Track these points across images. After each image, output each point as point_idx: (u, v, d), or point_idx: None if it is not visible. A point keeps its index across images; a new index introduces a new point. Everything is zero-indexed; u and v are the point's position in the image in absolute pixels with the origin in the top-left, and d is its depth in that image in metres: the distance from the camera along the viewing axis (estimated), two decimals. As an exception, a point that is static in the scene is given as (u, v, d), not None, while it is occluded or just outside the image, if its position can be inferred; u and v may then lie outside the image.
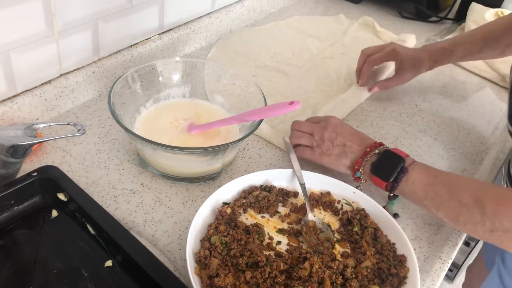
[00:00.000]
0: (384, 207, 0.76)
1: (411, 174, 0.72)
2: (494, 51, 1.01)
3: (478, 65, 1.24)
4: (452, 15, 1.47)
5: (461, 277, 1.47)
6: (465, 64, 1.25)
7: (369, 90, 1.06)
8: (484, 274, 1.12)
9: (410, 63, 1.02)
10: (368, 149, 0.77)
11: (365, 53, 1.05)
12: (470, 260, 1.37)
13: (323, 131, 0.81)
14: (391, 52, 1.02)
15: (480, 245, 1.29)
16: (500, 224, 0.63)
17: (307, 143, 0.83)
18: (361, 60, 1.05)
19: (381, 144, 0.78)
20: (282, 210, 0.77)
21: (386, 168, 0.74)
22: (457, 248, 0.77)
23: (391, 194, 0.76)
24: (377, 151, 0.77)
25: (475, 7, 1.39)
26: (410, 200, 0.75)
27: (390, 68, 1.12)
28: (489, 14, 1.35)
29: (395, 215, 0.80)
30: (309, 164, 0.88)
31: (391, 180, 0.74)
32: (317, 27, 1.32)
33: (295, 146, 0.85)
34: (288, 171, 0.80)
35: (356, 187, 0.79)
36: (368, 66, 1.04)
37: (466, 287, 1.41)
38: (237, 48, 1.17)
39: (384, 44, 1.05)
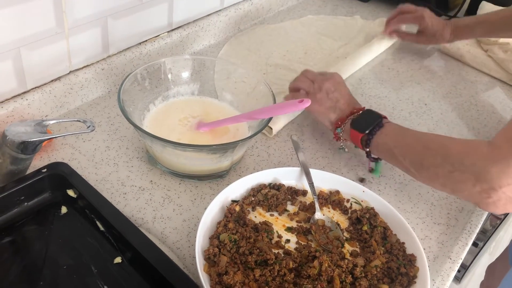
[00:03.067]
0: (370, 170, 0.83)
1: (385, 128, 0.78)
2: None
3: (488, 64, 1.23)
4: (461, 13, 1.46)
5: (468, 278, 1.46)
6: (474, 63, 1.24)
7: (388, 33, 1.19)
8: (506, 271, 1.12)
9: (431, 33, 1.13)
10: (355, 110, 0.82)
11: (399, 9, 1.17)
12: (478, 261, 1.36)
13: (324, 82, 0.86)
14: (419, 17, 1.13)
15: (494, 245, 1.28)
16: (460, 164, 0.66)
17: (305, 88, 0.87)
18: (394, 13, 1.18)
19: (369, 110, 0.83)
20: (291, 208, 0.77)
21: (364, 122, 0.79)
22: (467, 248, 0.77)
23: (367, 149, 0.79)
24: (361, 112, 0.82)
25: (485, 6, 1.38)
26: (382, 154, 0.79)
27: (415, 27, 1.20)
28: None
29: (362, 180, 0.85)
30: (317, 163, 0.88)
31: (367, 132, 0.78)
32: (331, 27, 1.31)
33: (296, 90, 0.89)
34: (297, 170, 0.79)
35: (339, 148, 0.84)
36: (397, 21, 1.17)
37: (485, 286, 1.40)
38: (249, 46, 1.17)
39: (418, 8, 1.15)
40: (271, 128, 0.90)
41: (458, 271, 1.39)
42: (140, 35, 0.99)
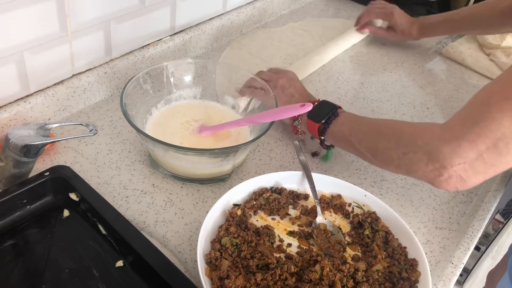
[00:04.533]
0: (314, 153, 0.88)
1: (340, 117, 0.80)
2: (475, 30, 1.18)
3: (490, 68, 1.23)
4: (464, 17, 1.46)
5: (470, 282, 1.45)
6: (477, 67, 1.24)
7: (360, 29, 1.25)
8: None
9: (400, 29, 1.21)
10: (310, 103, 0.82)
11: (371, 4, 1.25)
12: (480, 265, 1.36)
13: (278, 80, 0.89)
14: (389, 14, 1.20)
15: (497, 249, 1.28)
16: (413, 144, 0.67)
17: (259, 86, 0.87)
18: (366, 9, 1.25)
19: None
20: (293, 212, 0.77)
21: (320, 112, 0.81)
22: (469, 253, 0.77)
23: (323, 138, 0.81)
24: (316, 103, 0.83)
25: (487, 10, 1.38)
26: (338, 142, 0.81)
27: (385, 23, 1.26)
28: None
29: (314, 154, 0.89)
30: (319, 167, 0.88)
31: (323, 121, 0.80)
32: (330, 30, 1.31)
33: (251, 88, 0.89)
34: (299, 173, 0.79)
35: (298, 141, 0.85)
36: (366, 16, 1.24)
37: None
38: (251, 49, 1.17)
39: (388, 5, 1.22)
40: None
41: (460, 275, 1.39)
42: (143, 39, 0.99)
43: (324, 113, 0.80)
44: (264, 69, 1.10)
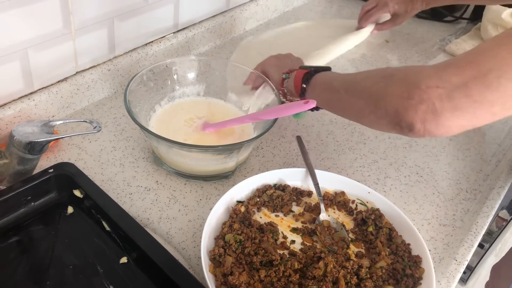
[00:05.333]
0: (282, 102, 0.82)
1: (332, 71, 0.78)
2: None
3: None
4: (467, 14, 1.46)
5: (474, 280, 1.45)
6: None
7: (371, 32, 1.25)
8: None
9: (402, 9, 1.17)
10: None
11: (363, 10, 1.23)
12: (484, 262, 1.36)
13: (270, 57, 0.91)
14: (383, 6, 1.19)
15: (500, 246, 1.28)
16: (397, 71, 0.61)
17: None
18: (360, 15, 1.24)
19: None
20: (296, 209, 0.77)
21: (314, 68, 0.78)
22: (473, 250, 0.77)
23: (304, 86, 0.76)
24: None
25: (491, 7, 1.37)
26: (319, 89, 0.75)
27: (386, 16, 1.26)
28: (506, 14, 1.34)
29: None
30: (323, 164, 0.88)
31: (313, 69, 0.77)
32: (341, 30, 1.28)
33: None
34: (302, 170, 0.79)
35: (282, 99, 0.83)
36: (365, 21, 1.23)
37: (490, 286, 1.39)
38: (260, 50, 1.13)
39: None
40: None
41: (464, 272, 1.39)
42: (146, 36, 1.00)
43: (317, 67, 0.78)
44: None
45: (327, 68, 0.78)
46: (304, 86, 0.76)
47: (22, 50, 0.77)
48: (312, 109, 0.75)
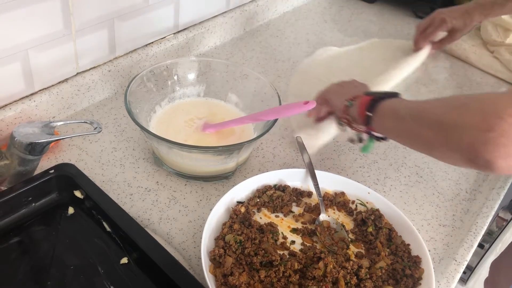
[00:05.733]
0: (353, 140, 0.77)
1: (399, 97, 0.69)
2: None
3: (494, 65, 1.22)
4: (467, 15, 1.45)
5: (474, 280, 1.45)
6: (480, 64, 1.23)
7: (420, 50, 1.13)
8: None
9: (461, 24, 1.07)
10: (373, 91, 0.74)
11: (419, 30, 1.12)
12: (484, 262, 1.36)
13: (332, 85, 0.83)
14: (441, 23, 1.07)
15: (500, 246, 1.28)
16: (471, 99, 0.55)
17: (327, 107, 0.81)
18: (416, 36, 1.13)
19: None
20: (296, 209, 0.77)
21: (380, 93, 0.71)
22: (473, 250, 0.77)
23: (369, 114, 0.68)
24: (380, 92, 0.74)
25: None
26: (386, 120, 0.67)
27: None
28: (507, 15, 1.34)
29: (353, 140, 0.79)
30: (323, 165, 0.88)
31: (378, 96, 0.69)
32: (398, 53, 1.20)
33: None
34: (302, 171, 0.80)
35: (338, 123, 0.78)
36: (423, 42, 1.12)
37: (489, 283, 1.39)
38: (319, 75, 1.09)
39: (433, 16, 1.09)
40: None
41: (464, 272, 1.39)
42: (147, 37, 1.00)
43: (384, 93, 0.70)
44: None
45: (394, 94, 0.70)
46: (369, 114, 0.68)
47: (23, 51, 0.77)
48: (378, 139, 0.73)
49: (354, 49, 1.23)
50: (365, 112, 0.69)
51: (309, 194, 0.79)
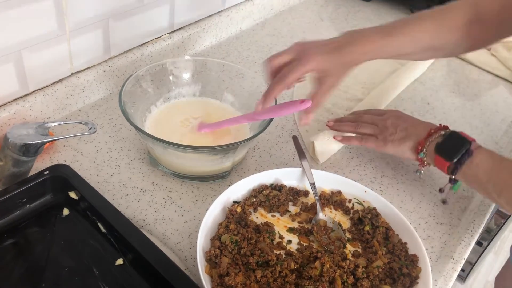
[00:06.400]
0: (440, 190, 0.79)
1: (475, 156, 0.70)
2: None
3: (491, 63, 1.22)
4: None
5: (473, 278, 1.45)
6: (477, 62, 1.23)
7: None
8: None
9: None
10: (432, 130, 0.76)
11: (270, 70, 0.76)
12: (483, 260, 1.36)
13: (386, 120, 0.82)
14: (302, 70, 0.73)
15: (499, 244, 1.27)
16: None
17: (370, 131, 0.83)
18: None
19: (446, 127, 0.77)
20: (293, 209, 0.77)
21: (451, 148, 0.72)
22: (470, 248, 0.77)
23: (453, 177, 0.73)
24: (442, 132, 0.75)
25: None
26: (471, 184, 0.73)
27: None
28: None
29: (444, 201, 0.81)
30: (319, 164, 0.87)
31: (455, 161, 0.71)
32: None
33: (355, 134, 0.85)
34: (298, 170, 0.79)
35: (416, 171, 0.79)
36: (278, 88, 0.73)
37: None
38: None
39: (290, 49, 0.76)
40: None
41: (463, 270, 1.39)
42: (142, 37, 0.99)
43: (455, 150, 0.71)
44: (343, 100, 1.04)
45: (465, 144, 0.71)
46: (454, 177, 0.74)
47: (16, 52, 0.77)
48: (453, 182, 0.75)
49: None
50: (446, 173, 0.74)
51: (306, 193, 0.79)
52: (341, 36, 0.77)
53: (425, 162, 0.77)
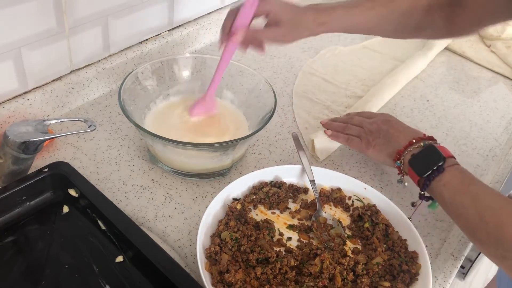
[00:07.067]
0: (413, 204, 0.76)
1: (445, 175, 0.68)
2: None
3: (490, 59, 1.22)
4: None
5: (473, 274, 1.45)
6: (477, 59, 1.23)
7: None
8: None
9: (283, 21, 0.76)
10: (414, 140, 0.74)
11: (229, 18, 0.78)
12: (483, 256, 1.35)
13: (372, 124, 0.82)
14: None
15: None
16: None
17: (356, 133, 0.83)
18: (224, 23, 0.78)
19: (431, 138, 0.75)
20: (293, 206, 0.77)
21: (423, 162, 0.70)
22: (470, 245, 0.77)
23: (422, 193, 0.71)
24: (422, 143, 0.73)
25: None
26: (437, 200, 0.71)
27: None
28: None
29: (413, 204, 0.78)
30: (319, 161, 0.87)
31: (424, 176, 0.69)
32: (400, 49, 1.22)
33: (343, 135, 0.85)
34: (298, 167, 0.79)
35: (398, 181, 0.77)
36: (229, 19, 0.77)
37: None
38: (324, 75, 1.10)
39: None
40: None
41: (463, 267, 1.39)
42: (141, 34, 0.99)
43: (426, 165, 0.69)
44: (343, 97, 1.05)
45: (439, 161, 0.69)
46: (423, 193, 0.72)
47: (15, 49, 0.77)
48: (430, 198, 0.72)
49: (357, 48, 1.23)
50: (418, 186, 0.72)
51: (306, 191, 0.79)
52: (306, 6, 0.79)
53: (403, 172, 0.76)
